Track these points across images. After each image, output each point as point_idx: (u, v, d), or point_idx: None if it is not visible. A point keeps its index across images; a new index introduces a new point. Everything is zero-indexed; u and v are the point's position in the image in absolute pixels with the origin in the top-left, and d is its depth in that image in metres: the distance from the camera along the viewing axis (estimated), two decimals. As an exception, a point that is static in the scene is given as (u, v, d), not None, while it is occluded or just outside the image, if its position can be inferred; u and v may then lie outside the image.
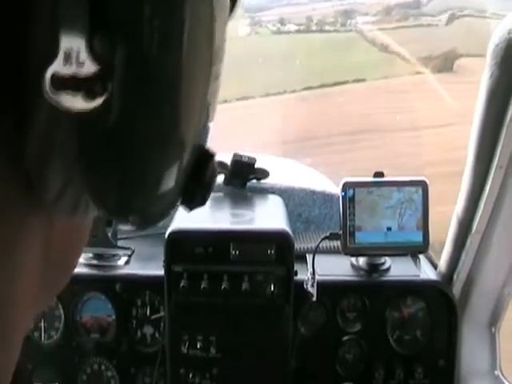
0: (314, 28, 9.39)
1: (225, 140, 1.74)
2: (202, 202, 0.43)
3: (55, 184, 0.35)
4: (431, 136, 5.64)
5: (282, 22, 9.09)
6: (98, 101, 0.30)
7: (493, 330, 1.54)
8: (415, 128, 5.80)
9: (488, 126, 1.29)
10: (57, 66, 0.30)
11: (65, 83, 0.30)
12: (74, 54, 0.29)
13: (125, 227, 0.45)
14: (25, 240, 0.37)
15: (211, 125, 0.46)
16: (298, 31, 9.44)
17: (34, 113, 0.33)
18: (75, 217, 0.39)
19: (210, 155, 0.42)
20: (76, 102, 0.30)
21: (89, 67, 0.30)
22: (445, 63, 6.84)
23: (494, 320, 1.53)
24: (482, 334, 1.55)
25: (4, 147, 0.34)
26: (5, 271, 0.37)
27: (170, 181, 0.39)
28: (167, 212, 0.43)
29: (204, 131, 0.43)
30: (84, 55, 0.29)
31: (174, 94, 0.35)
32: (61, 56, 0.29)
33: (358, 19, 8.86)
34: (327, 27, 9.28)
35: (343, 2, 8.66)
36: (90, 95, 0.30)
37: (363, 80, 8.99)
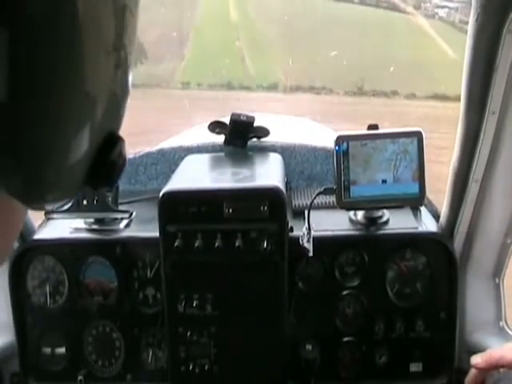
0: (385, 5, 8.79)
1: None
2: (107, 183, 0.44)
3: None
4: None
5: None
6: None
7: (497, 280, 1.51)
8: None
9: (478, 72, 1.24)
10: None
11: None
12: None
13: (37, 208, 0.45)
14: None
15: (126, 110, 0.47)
16: (361, 3, 8.84)
17: None
18: None
19: (117, 138, 0.44)
20: None
21: None
22: None
23: (498, 270, 1.49)
24: (487, 285, 1.52)
25: None
26: None
27: (77, 151, 0.40)
28: (75, 190, 0.44)
29: (115, 115, 0.44)
30: None
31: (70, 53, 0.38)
32: None
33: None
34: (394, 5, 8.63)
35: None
36: None
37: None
